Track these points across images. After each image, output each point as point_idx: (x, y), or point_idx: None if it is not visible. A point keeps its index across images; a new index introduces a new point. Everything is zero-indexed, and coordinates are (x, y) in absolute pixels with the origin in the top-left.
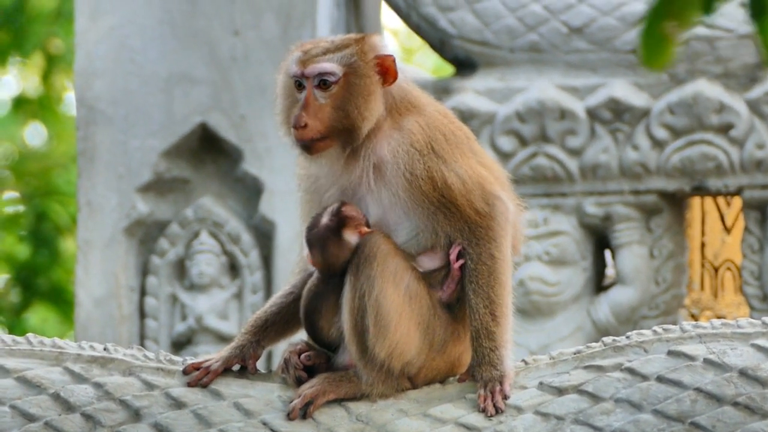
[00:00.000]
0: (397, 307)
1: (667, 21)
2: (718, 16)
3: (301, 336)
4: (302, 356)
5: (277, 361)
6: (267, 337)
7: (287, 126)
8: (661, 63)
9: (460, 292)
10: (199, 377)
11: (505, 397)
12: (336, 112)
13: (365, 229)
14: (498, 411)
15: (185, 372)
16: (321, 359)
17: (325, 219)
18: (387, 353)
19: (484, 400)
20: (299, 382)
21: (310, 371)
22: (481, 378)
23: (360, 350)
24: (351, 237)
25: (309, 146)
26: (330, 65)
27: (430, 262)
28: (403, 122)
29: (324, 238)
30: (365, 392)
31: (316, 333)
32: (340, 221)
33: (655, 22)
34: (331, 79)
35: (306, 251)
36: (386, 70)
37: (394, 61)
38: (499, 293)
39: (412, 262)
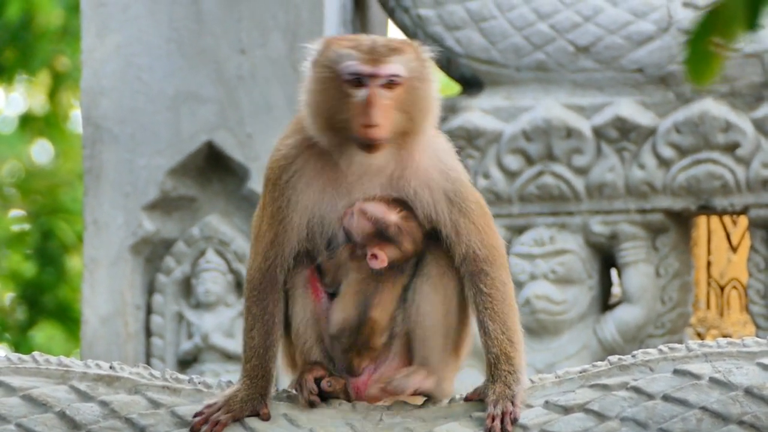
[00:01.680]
0: (466, 309)
1: (713, 37)
2: None
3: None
4: (323, 383)
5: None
6: (271, 383)
7: (324, 120)
8: (706, 79)
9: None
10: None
11: (514, 420)
12: (398, 114)
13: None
14: None
15: (192, 429)
16: (339, 385)
17: (396, 209)
18: (462, 352)
19: (493, 420)
20: (311, 405)
21: (322, 395)
22: (494, 393)
23: (444, 346)
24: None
25: (374, 145)
26: (398, 67)
27: None
28: (434, 133)
29: (409, 230)
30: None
31: (367, 331)
32: (408, 208)
33: (700, 38)
34: (398, 80)
35: (372, 251)
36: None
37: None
38: (513, 319)
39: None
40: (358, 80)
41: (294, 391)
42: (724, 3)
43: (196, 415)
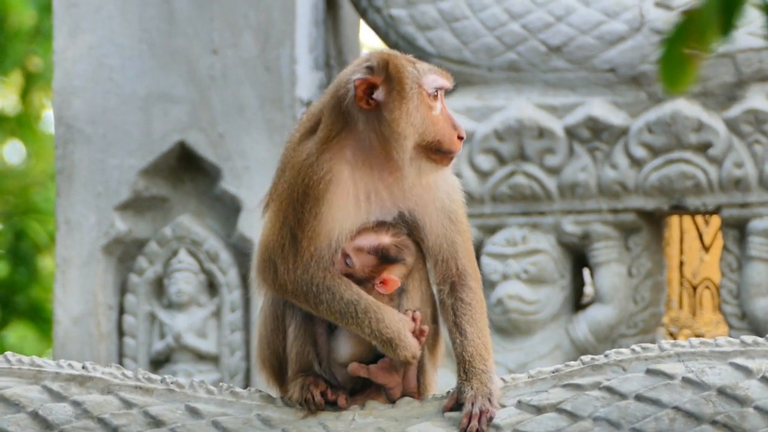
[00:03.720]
0: (437, 313)
1: (687, 44)
2: None
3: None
4: (340, 399)
5: (253, 380)
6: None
7: (439, 136)
8: (682, 85)
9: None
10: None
11: (490, 419)
12: None
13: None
14: None
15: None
16: (343, 398)
17: (385, 232)
18: (440, 356)
19: (469, 419)
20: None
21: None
22: (472, 389)
23: (429, 355)
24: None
25: (453, 157)
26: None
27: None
28: None
29: (406, 245)
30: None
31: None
32: (397, 226)
33: (674, 45)
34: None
35: (382, 278)
36: None
37: None
38: (486, 327)
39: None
40: (436, 95)
41: (297, 405)
42: (698, 9)
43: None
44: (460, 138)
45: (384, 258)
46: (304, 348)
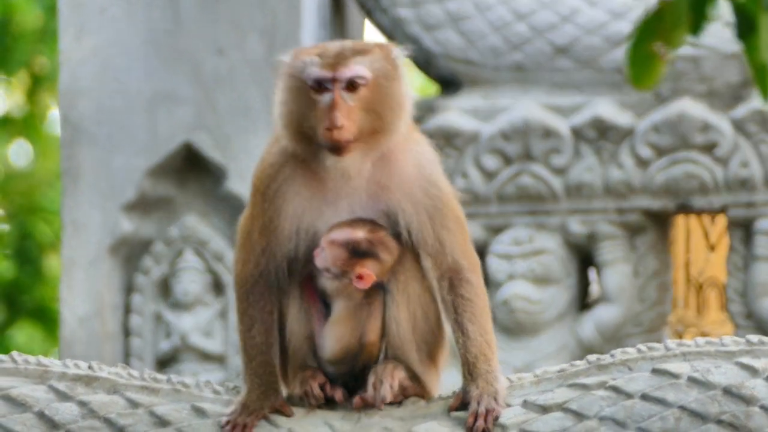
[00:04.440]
0: (437, 309)
1: (655, 41)
2: (703, 35)
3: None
4: (337, 394)
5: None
6: (279, 380)
7: (295, 129)
8: (648, 83)
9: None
10: None
11: (496, 418)
12: (368, 115)
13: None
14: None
15: None
16: (340, 393)
17: (363, 229)
18: (441, 352)
19: (475, 418)
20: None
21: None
22: (477, 389)
23: (420, 354)
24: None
25: (341, 147)
26: (361, 68)
27: None
28: (416, 137)
29: (383, 242)
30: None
31: (366, 355)
32: (375, 223)
33: (642, 41)
34: (361, 81)
35: (355, 271)
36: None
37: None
38: (489, 323)
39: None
40: (322, 86)
41: (298, 400)
42: (667, 6)
43: (223, 426)
44: (329, 129)
45: (354, 252)
46: (301, 343)
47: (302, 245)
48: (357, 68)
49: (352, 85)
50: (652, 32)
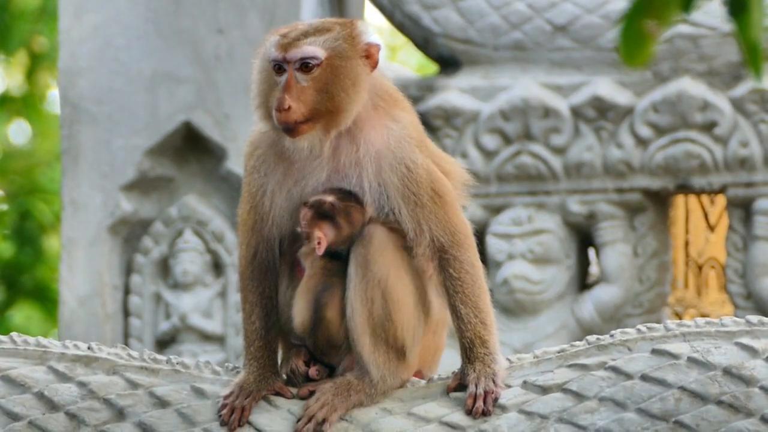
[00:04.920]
0: (412, 293)
1: (647, 19)
2: (702, 14)
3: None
4: (311, 370)
5: None
6: (277, 363)
7: (264, 109)
8: (641, 61)
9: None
10: (237, 418)
11: (495, 400)
12: (319, 95)
13: (371, 209)
14: (486, 414)
15: (223, 422)
16: (324, 373)
17: (332, 195)
18: (409, 340)
19: (474, 400)
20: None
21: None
22: (474, 371)
23: (375, 342)
24: (365, 210)
25: (292, 129)
26: (312, 48)
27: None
28: (395, 114)
29: (344, 210)
30: (374, 394)
31: (325, 330)
32: (351, 194)
33: (634, 19)
34: (314, 62)
35: (314, 233)
36: (370, 58)
37: (379, 50)
38: (485, 301)
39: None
40: (281, 67)
41: (284, 376)
42: None
43: (220, 410)
44: (278, 110)
45: (317, 213)
46: (287, 318)
47: (280, 223)
48: (308, 49)
49: (305, 66)
50: (643, 10)
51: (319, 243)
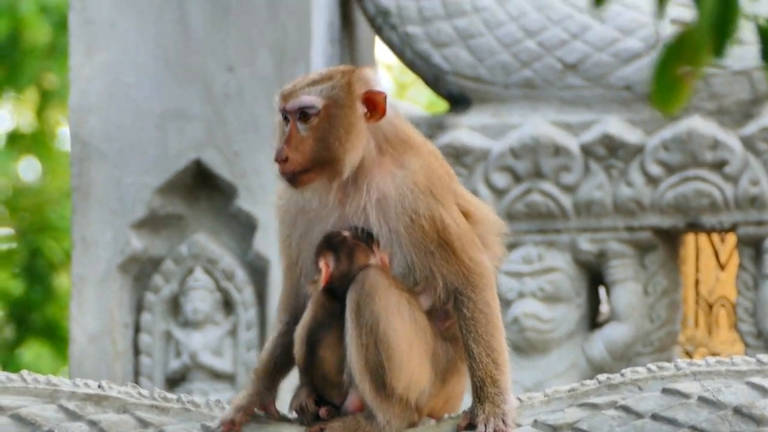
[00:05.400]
0: (407, 338)
1: (680, 64)
2: None
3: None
4: (321, 411)
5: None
6: (278, 381)
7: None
8: (674, 106)
9: (456, 329)
10: (227, 430)
11: None
12: (317, 144)
13: (385, 257)
14: None
15: None
16: (333, 413)
17: (350, 231)
18: (404, 385)
19: None
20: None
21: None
22: (483, 413)
23: (375, 387)
24: (372, 254)
25: (293, 179)
26: (309, 98)
27: (425, 301)
28: (404, 160)
29: (350, 246)
30: None
31: (319, 368)
32: (368, 236)
33: (667, 65)
34: (311, 111)
35: (319, 262)
36: (374, 106)
37: (384, 97)
38: (499, 340)
39: (411, 295)
40: (285, 117)
41: (294, 414)
42: (691, 29)
43: (217, 427)
44: (276, 161)
45: (326, 243)
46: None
47: (307, 271)
48: (305, 99)
49: (304, 116)
50: (676, 56)
51: (322, 272)
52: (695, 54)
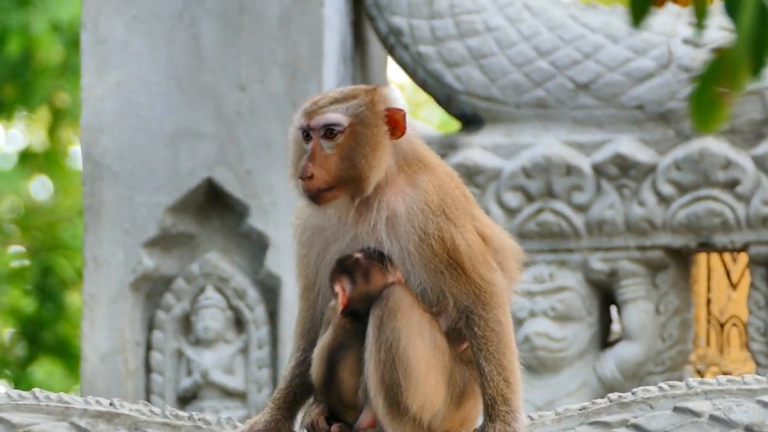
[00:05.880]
0: (425, 358)
1: (718, 83)
2: None
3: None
4: (333, 428)
5: None
6: (296, 410)
7: (296, 177)
8: (713, 126)
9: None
10: None
11: None
12: (343, 162)
13: (399, 274)
14: None
15: None
16: (345, 430)
17: (362, 252)
18: (419, 405)
19: None
20: None
21: None
22: (494, 431)
23: (389, 404)
24: (388, 273)
25: (316, 196)
26: (335, 116)
27: (444, 322)
28: (417, 179)
29: (364, 267)
30: None
31: (336, 388)
32: (380, 255)
33: (705, 86)
34: (337, 129)
35: (335, 286)
36: (395, 124)
37: (404, 115)
38: (510, 359)
39: (432, 315)
40: (306, 134)
41: (304, 430)
42: (729, 48)
43: None
44: (301, 178)
45: (340, 267)
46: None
47: (324, 290)
48: (331, 116)
49: (330, 133)
50: (715, 75)
51: (338, 296)
52: (733, 74)
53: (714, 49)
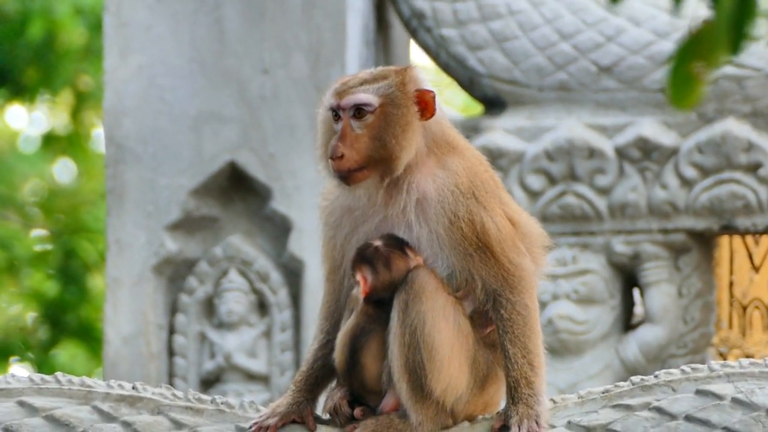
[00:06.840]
0: (449, 341)
1: (695, 61)
2: (747, 56)
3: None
4: (356, 411)
5: None
6: (318, 393)
7: (325, 158)
8: (689, 103)
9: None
10: None
11: None
12: (373, 142)
13: (420, 258)
14: None
15: None
16: (368, 414)
17: (381, 240)
18: (442, 388)
19: None
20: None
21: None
22: (517, 414)
23: (412, 387)
24: (409, 258)
25: (347, 177)
26: (365, 96)
27: (468, 306)
28: (446, 162)
29: (385, 256)
30: None
31: (359, 374)
32: (400, 242)
33: (682, 62)
34: (367, 109)
35: (356, 275)
36: (425, 105)
37: (434, 96)
38: (535, 343)
39: (457, 299)
40: (337, 115)
41: (327, 416)
42: (706, 27)
43: (250, 427)
44: (331, 158)
45: (360, 256)
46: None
47: (345, 270)
48: (362, 96)
49: (360, 113)
50: (691, 53)
51: (360, 285)
52: (711, 51)
53: (692, 26)
